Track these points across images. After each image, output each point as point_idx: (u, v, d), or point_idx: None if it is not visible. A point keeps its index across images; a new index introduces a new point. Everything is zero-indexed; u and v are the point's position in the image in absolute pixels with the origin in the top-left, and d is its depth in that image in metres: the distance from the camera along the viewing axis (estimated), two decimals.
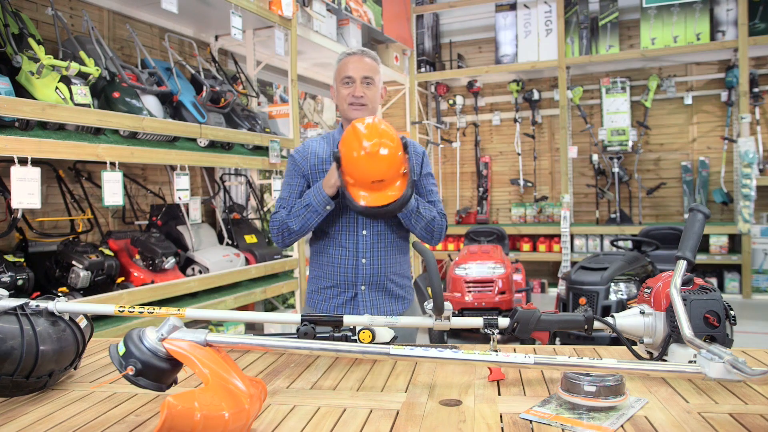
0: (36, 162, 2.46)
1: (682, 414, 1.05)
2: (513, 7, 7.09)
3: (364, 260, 1.88)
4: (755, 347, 1.47)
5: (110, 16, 3.71)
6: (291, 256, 4.40)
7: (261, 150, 4.04)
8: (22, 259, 2.75)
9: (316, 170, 1.91)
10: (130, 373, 1.00)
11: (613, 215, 6.78)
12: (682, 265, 1.28)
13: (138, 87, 3.09)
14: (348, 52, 1.90)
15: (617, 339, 1.36)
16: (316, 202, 1.78)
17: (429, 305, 1.36)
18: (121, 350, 1.02)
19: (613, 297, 3.93)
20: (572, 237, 6.74)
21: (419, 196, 1.94)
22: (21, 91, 2.56)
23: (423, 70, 7.40)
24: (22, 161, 2.42)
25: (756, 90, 6.31)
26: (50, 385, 1.26)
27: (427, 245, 1.80)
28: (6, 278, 2.54)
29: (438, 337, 4.33)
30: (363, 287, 1.90)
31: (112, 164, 2.82)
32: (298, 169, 1.91)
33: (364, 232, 1.88)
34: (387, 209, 1.68)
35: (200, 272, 3.59)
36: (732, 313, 1.27)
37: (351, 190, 1.68)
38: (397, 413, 1.08)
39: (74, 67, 2.66)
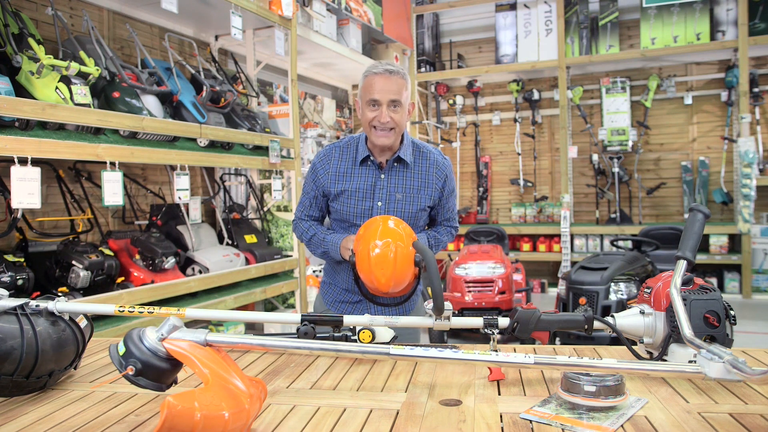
0: (36, 162, 2.46)
1: (682, 414, 1.05)
2: (513, 7, 7.09)
3: None
4: (755, 347, 1.47)
5: (110, 16, 3.71)
6: (291, 256, 4.40)
7: (261, 150, 4.04)
8: (22, 259, 2.75)
9: (334, 186, 1.88)
10: (130, 373, 1.00)
11: (613, 215, 6.78)
12: (682, 265, 1.28)
13: (138, 87, 3.09)
14: (374, 71, 1.77)
15: (617, 339, 1.36)
16: (333, 254, 1.85)
17: (429, 305, 1.36)
18: (121, 350, 1.02)
19: (613, 297, 3.93)
20: (572, 237, 6.74)
21: (437, 214, 1.97)
22: (21, 91, 2.56)
23: (423, 70, 7.40)
24: (22, 161, 2.42)
25: (756, 90, 6.30)
26: (50, 385, 1.26)
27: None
28: (6, 278, 2.54)
29: (438, 337, 4.33)
30: None
31: (112, 164, 2.82)
32: (317, 181, 1.91)
33: None
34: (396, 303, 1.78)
35: (200, 272, 3.59)
36: (732, 313, 1.27)
37: (366, 284, 1.66)
38: (397, 413, 1.08)
39: (74, 67, 2.66)
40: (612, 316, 1.35)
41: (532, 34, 6.98)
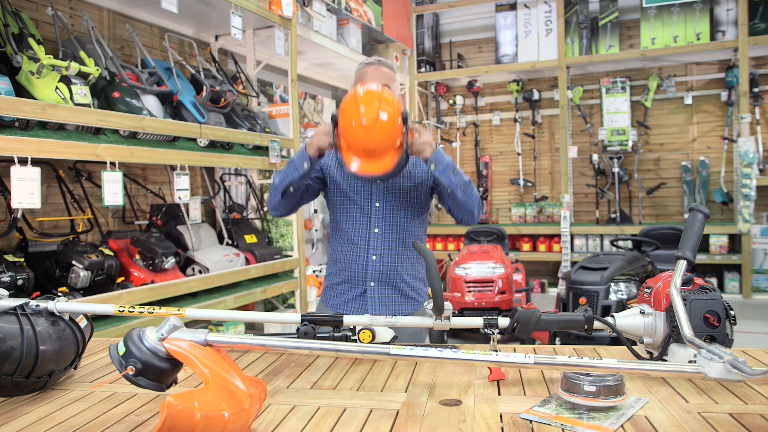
0: (36, 162, 2.46)
1: (682, 414, 1.05)
2: (513, 7, 7.09)
3: (374, 257, 1.91)
4: (755, 347, 1.47)
5: (110, 16, 3.71)
6: (291, 256, 4.40)
7: (261, 150, 4.04)
8: (22, 259, 2.74)
9: (334, 163, 1.96)
10: (130, 373, 1.00)
11: (613, 215, 6.78)
12: (682, 265, 1.28)
13: (138, 87, 3.09)
14: (366, 62, 1.97)
15: (617, 339, 1.36)
16: (297, 158, 1.81)
17: (429, 305, 1.36)
18: (121, 350, 1.02)
19: (613, 297, 3.93)
20: (572, 237, 6.74)
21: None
22: (21, 91, 2.56)
23: (423, 70, 7.40)
24: (22, 161, 2.42)
25: (756, 90, 6.30)
26: (50, 385, 1.26)
27: (467, 220, 1.88)
28: (6, 278, 2.54)
29: (438, 337, 4.33)
30: (372, 283, 1.92)
31: (112, 164, 2.82)
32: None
33: (376, 230, 1.91)
34: (377, 178, 1.73)
35: (200, 272, 3.59)
36: (732, 313, 1.27)
37: (344, 153, 1.69)
38: (397, 413, 1.08)
39: (74, 67, 2.66)
40: (612, 316, 1.35)
41: (532, 34, 6.98)
